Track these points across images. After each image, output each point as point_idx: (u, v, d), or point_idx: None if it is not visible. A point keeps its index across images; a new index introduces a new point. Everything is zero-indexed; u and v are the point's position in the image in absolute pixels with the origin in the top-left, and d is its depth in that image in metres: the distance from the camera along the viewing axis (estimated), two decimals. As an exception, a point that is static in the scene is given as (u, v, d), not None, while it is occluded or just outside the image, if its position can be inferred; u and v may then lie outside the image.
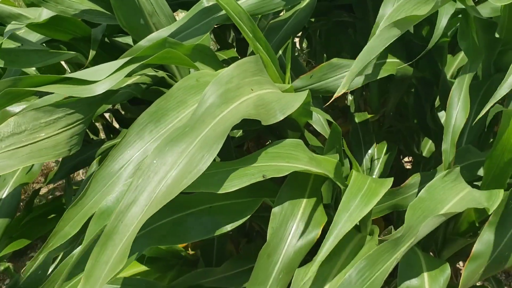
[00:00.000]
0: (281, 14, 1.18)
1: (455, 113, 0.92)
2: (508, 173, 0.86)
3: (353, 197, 0.74)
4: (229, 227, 0.76)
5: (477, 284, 1.31)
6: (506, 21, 1.00)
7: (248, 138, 1.18)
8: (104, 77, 0.72)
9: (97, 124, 1.75)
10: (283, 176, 0.76)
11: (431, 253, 1.06)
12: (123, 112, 1.62)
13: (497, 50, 1.05)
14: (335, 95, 0.78)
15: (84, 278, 0.60)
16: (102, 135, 1.89)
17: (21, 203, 1.96)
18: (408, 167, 1.82)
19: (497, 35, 1.04)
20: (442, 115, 1.38)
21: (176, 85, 0.75)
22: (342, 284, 0.70)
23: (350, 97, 1.73)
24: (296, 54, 2.41)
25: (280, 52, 1.10)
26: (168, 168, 0.61)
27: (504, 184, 0.87)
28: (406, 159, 1.94)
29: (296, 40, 1.94)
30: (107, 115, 1.82)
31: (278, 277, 0.74)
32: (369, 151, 1.24)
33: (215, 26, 1.45)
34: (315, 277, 0.75)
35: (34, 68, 1.25)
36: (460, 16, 1.17)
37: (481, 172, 0.98)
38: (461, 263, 1.48)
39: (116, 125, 1.73)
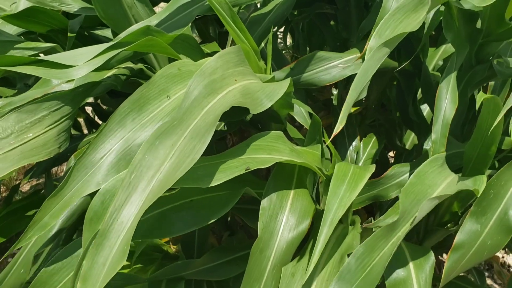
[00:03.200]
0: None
1: (445, 104, 0.92)
2: (486, 162, 0.87)
3: (340, 183, 0.74)
4: (212, 219, 0.75)
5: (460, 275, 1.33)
6: (488, 13, 1.01)
7: (230, 131, 1.17)
8: (83, 62, 0.70)
9: (79, 119, 1.73)
10: (264, 169, 0.75)
11: (413, 245, 1.07)
12: (104, 107, 1.60)
13: (478, 41, 1.06)
14: (334, 132, 0.72)
15: (81, 281, 0.59)
16: (85, 130, 1.87)
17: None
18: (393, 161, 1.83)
19: (478, 27, 1.05)
20: (424, 108, 1.39)
21: (158, 73, 0.74)
22: (342, 272, 0.69)
23: (335, 91, 1.74)
24: (283, 51, 2.40)
25: (263, 44, 1.10)
26: (160, 162, 0.60)
27: (484, 172, 0.88)
28: (391, 153, 1.96)
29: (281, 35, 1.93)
30: (89, 110, 1.80)
31: (272, 272, 0.74)
32: (353, 143, 1.25)
33: (198, 19, 1.45)
34: (303, 269, 0.74)
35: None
36: (442, 10, 1.18)
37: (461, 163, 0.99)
38: (444, 255, 1.49)
39: (99, 121, 1.71)
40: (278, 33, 1.78)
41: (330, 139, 0.72)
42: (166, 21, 0.90)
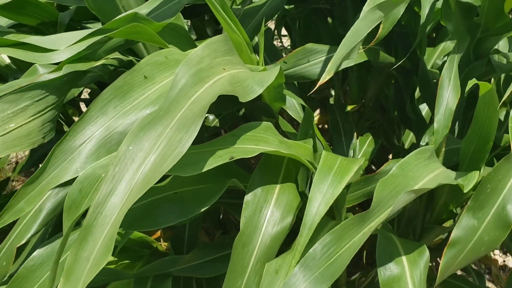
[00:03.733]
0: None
1: (447, 93, 0.89)
2: (483, 156, 0.85)
3: (324, 177, 0.71)
4: (197, 211, 0.73)
5: (458, 273, 1.30)
6: (487, 7, 0.99)
7: (224, 127, 1.15)
8: (65, 47, 0.69)
9: (75, 118, 1.71)
10: (252, 162, 0.73)
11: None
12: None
13: (477, 36, 1.04)
14: (320, 82, 0.73)
15: (64, 277, 0.57)
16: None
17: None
18: (391, 163, 1.80)
19: (476, 21, 1.03)
20: (422, 108, 1.37)
21: (144, 60, 0.72)
22: (306, 258, 0.67)
23: (333, 92, 1.72)
24: (283, 53, 2.39)
25: (257, 39, 1.08)
26: (145, 153, 0.58)
27: (480, 168, 0.85)
28: (390, 156, 1.93)
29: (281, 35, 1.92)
30: (83, 107, 1.78)
31: (255, 267, 0.71)
32: (351, 141, 1.22)
33: (196, 19, 1.44)
34: (288, 266, 0.72)
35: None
36: (438, 8, 1.16)
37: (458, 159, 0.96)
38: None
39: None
40: (276, 36, 1.77)
41: (315, 89, 0.70)
42: (156, 11, 0.88)
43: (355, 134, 1.22)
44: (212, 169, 0.70)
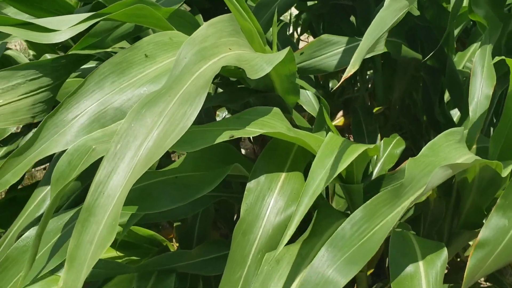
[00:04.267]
0: None
1: (481, 80, 0.83)
2: (513, 149, 0.78)
3: (328, 154, 0.66)
4: (197, 195, 0.70)
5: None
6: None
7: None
8: (66, 27, 0.68)
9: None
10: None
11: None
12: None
13: (509, 28, 0.97)
14: (345, 75, 0.65)
15: (68, 262, 0.55)
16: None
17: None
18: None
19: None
20: (454, 113, 1.30)
21: (147, 39, 0.70)
22: (334, 237, 0.61)
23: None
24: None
25: (271, 30, 1.05)
26: (148, 130, 0.56)
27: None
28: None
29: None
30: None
31: (257, 258, 0.67)
32: (375, 143, 1.16)
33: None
34: (291, 257, 0.67)
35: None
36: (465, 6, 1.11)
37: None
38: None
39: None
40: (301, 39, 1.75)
41: (339, 84, 0.64)
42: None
43: (379, 135, 1.16)
44: (214, 155, 0.66)
